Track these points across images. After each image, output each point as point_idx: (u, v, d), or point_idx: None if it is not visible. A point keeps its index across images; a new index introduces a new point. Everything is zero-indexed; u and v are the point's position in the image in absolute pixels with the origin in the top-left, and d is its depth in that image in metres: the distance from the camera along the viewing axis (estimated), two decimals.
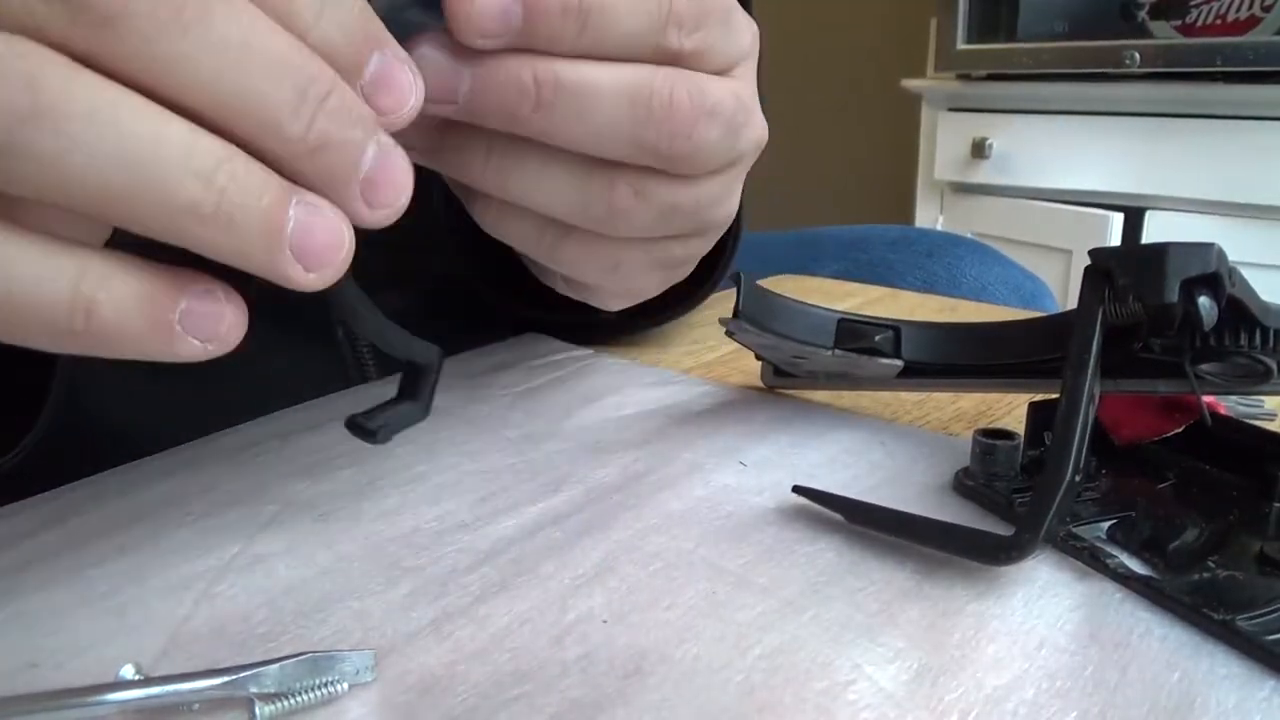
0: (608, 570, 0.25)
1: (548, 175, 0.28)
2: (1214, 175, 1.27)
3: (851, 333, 0.32)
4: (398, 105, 0.23)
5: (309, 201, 0.20)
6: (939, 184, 1.58)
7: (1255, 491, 0.27)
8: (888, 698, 0.20)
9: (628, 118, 0.26)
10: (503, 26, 0.25)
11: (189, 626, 0.23)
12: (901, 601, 0.23)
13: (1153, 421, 0.29)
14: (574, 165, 0.28)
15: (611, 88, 0.26)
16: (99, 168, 0.18)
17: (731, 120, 0.28)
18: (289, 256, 0.20)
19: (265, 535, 0.27)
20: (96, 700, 0.19)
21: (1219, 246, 0.24)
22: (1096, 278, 0.26)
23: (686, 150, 0.28)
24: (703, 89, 0.27)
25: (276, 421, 0.36)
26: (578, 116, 0.26)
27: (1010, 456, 0.29)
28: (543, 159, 0.28)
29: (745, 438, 0.34)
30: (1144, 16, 1.30)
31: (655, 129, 0.27)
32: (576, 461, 0.32)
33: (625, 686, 0.20)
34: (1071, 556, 0.25)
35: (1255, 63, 1.18)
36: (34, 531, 0.28)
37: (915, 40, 1.74)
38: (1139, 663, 0.21)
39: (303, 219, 0.20)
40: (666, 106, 0.27)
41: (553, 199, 0.28)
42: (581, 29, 0.25)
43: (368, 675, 0.21)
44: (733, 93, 0.29)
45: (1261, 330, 0.25)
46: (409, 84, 0.23)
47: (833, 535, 0.27)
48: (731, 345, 0.44)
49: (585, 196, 0.28)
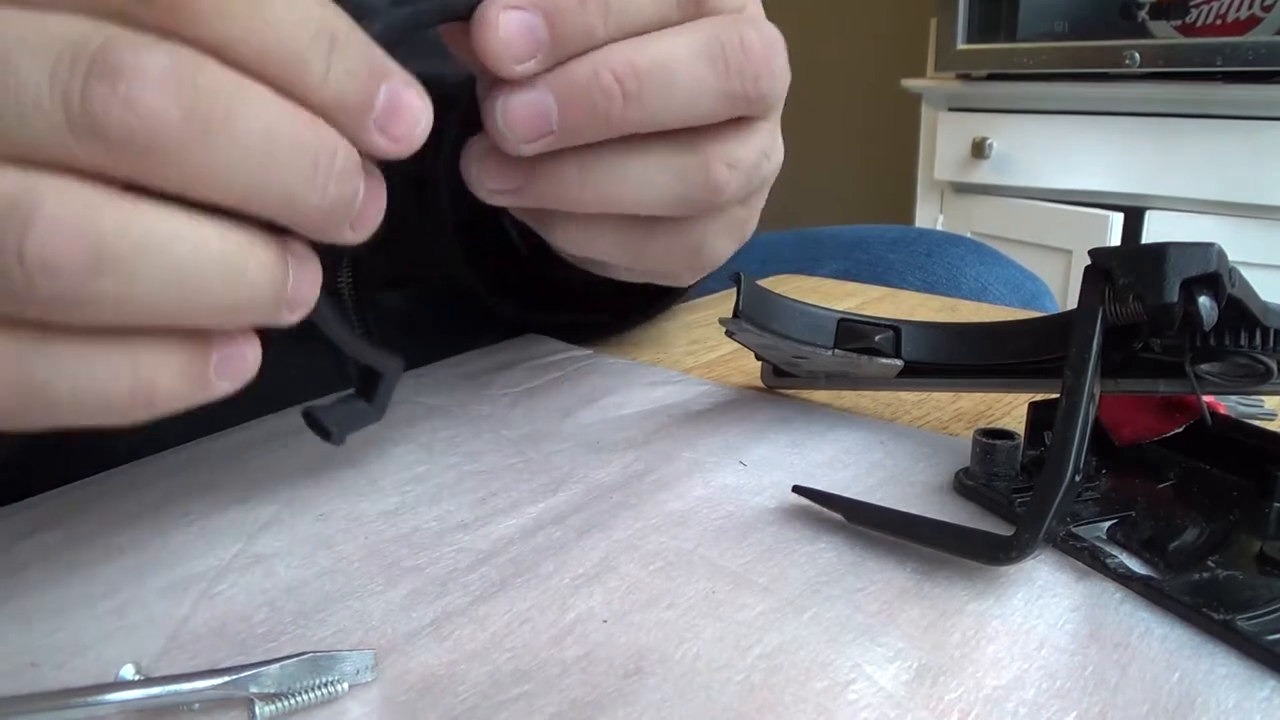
0: (608, 570, 0.25)
1: (646, 170, 0.28)
2: (1214, 175, 1.27)
3: (851, 333, 0.32)
4: (410, 130, 0.23)
5: (299, 255, 0.22)
6: (939, 184, 1.58)
7: (1255, 491, 0.27)
8: (888, 697, 0.20)
9: (711, 75, 0.27)
10: (534, 45, 0.25)
11: (189, 626, 0.23)
12: (901, 601, 0.23)
13: (1153, 421, 0.29)
14: (666, 152, 0.28)
15: (686, 53, 0.26)
16: (155, 293, 0.20)
17: (781, 59, 0.29)
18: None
19: (265, 535, 0.27)
20: (96, 700, 0.19)
21: (1219, 246, 0.24)
22: (1096, 278, 0.26)
23: (769, 87, 0.28)
24: (756, 24, 0.28)
25: (276, 421, 0.36)
26: (667, 93, 0.26)
27: (1010, 456, 0.29)
28: (636, 155, 0.28)
29: (745, 437, 0.34)
30: (1144, 16, 1.30)
31: (739, 77, 0.27)
32: (576, 461, 0.32)
33: (625, 686, 0.20)
34: (1071, 556, 0.25)
35: (1255, 63, 1.18)
36: (34, 531, 0.28)
37: (915, 40, 1.74)
38: (1139, 663, 0.21)
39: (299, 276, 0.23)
40: (740, 51, 0.27)
41: (655, 192, 0.29)
42: (606, 12, 0.25)
43: (368, 675, 0.21)
44: (772, 33, 0.29)
45: (1261, 330, 0.25)
46: (419, 107, 0.23)
47: (833, 535, 0.27)
48: (731, 345, 0.44)
49: (684, 180, 0.29)
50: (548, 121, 0.26)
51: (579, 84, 0.26)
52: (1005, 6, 1.46)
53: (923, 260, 0.69)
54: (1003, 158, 1.47)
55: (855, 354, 0.32)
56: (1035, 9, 1.42)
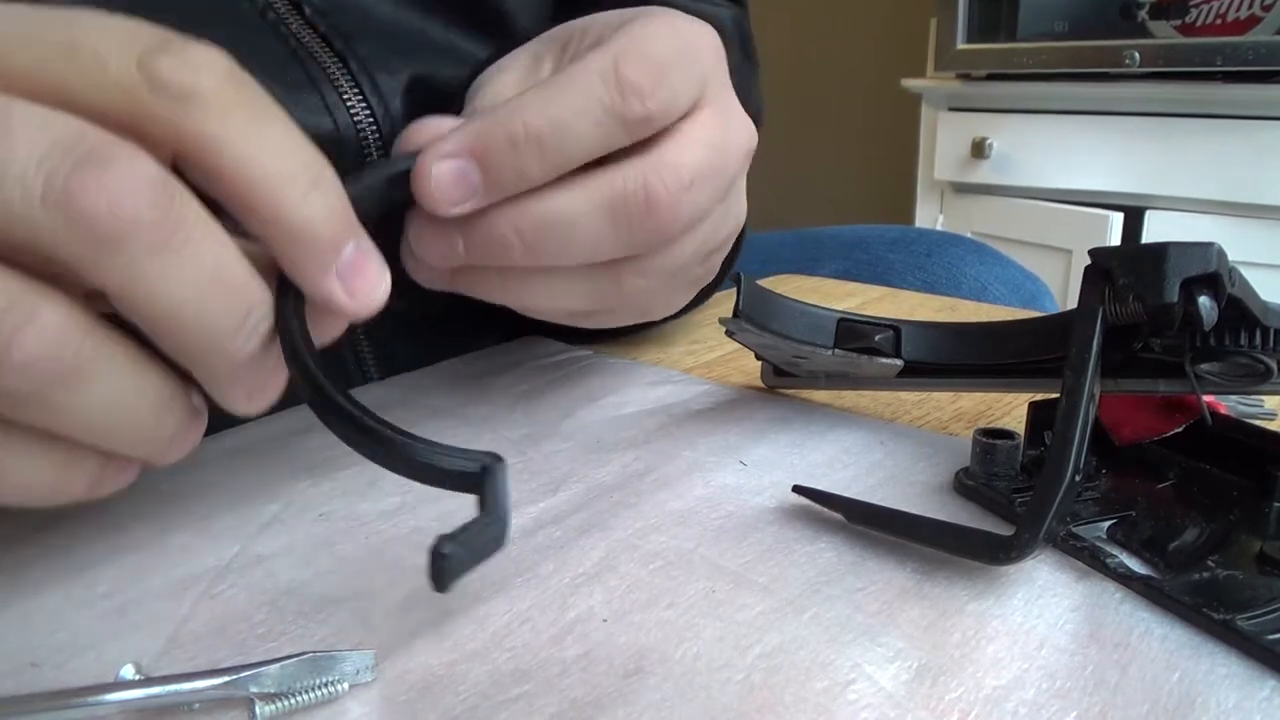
0: (608, 569, 0.25)
1: (558, 288, 0.30)
2: (1214, 175, 1.27)
3: (851, 332, 0.32)
4: (370, 289, 0.24)
5: (198, 409, 0.24)
6: (939, 184, 1.58)
7: (1255, 491, 0.27)
8: (888, 697, 0.20)
9: (611, 229, 0.28)
10: (467, 189, 0.27)
11: (189, 626, 0.23)
12: (901, 601, 0.23)
13: (1153, 421, 0.29)
14: (578, 274, 0.30)
15: (588, 209, 0.27)
16: (96, 414, 0.21)
17: (713, 170, 0.29)
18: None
19: (266, 535, 0.27)
20: (96, 700, 0.19)
21: (1219, 246, 0.24)
22: (1096, 277, 0.26)
23: (677, 229, 0.29)
24: (675, 167, 0.28)
25: (277, 422, 0.36)
26: (564, 246, 0.28)
27: (1010, 456, 0.29)
28: (549, 276, 0.30)
29: (745, 437, 0.34)
30: (1144, 16, 1.30)
31: (641, 230, 0.28)
32: (576, 461, 0.32)
33: (625, 685, 0.20)
34: (1071, 556, 0.25)
35: (1255, 63, 1.18)
36: (34, 531, 0.28)
37: (915, 40, 1.74)
38: (1139, 662, 0.21)
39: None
40: (644, 205, 0.27)
41: (568, 302, 0.30)
42: (542, 153, 0.27)
43: (368, 675, 0.21)
44: (705, 143, 0.29)
45: (1261, 330, 0.25)
46: (379, 273, 0.25)
47: (833, 535, 0.27)
48: (731, 345, 0.44)
49: (596, 293, 0.30)
50: (455, 254, 0.29)
51: (479, 230, 0.28)
52: (1005, 6, 1.46)
53: (923, 260, 0.69)
54: (1003, 158, 1.47)
55: (855, 354, 0.32)
56: (1035, 9, 1.42)
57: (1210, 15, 1.25)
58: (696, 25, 0.30)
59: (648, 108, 0.27)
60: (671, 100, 0.28)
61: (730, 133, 0.31)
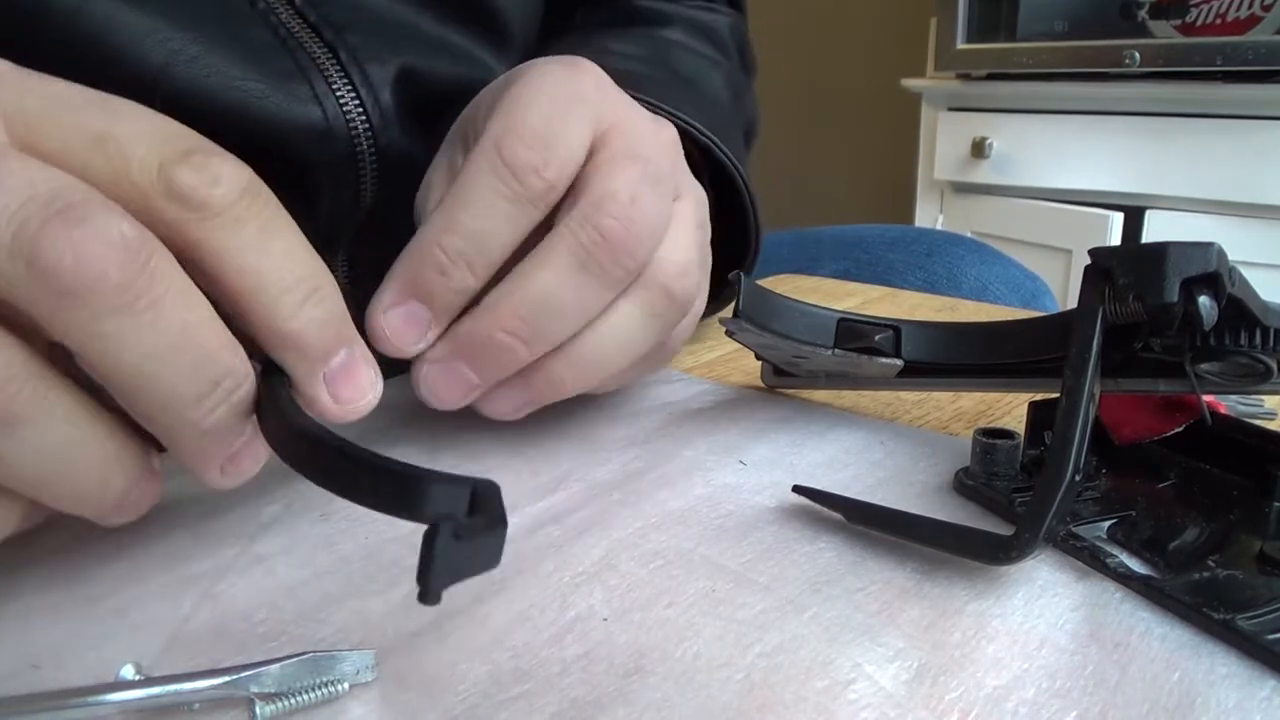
0: (608, 568, 0.25)
1: (587, 362, 0.30)
2: (1214, 175, 1.27)
3: (851, 332, 0.32)
4: (357, 397, 0.25)
5: (153, 471, 0.24)
6: (939, 184, 1.58)
7: (1255, 491, 0.27)
8: (888, 697, 0.20)
9: (589, 280, 0.28)
10: (420, 325, 0.29)
11: (189, 626, 0.23)
12: (901, 601, 0.23)
13: (1153, 421, 0.29)
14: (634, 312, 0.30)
15: (558, 276, 0.28)
16: (23, 460, 0.20)
17: (647, 176, 0.29)
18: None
19: (266, 536, 0.27)
20: (97, 700, 0.19)
21: (1219, 246, 0.24)
22: (1096, 277, 0.26)
23: (644, 248, 0.29)
24: (611, 196, 0.28)
25: None
26: (559, 317, 0.28)
27: (1010, 456, 0.29)
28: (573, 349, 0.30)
29: (745, 437, 0.34)
30: (1144, 16, 1.30)
31: (615, 266, 0.28)
32: (577, 460, 0.32)
33: (625, 685, 0.20)
34: (1071, 556, 0.25)
35: (1255, 62, 1.18)
36: (34, 530, 0.28)
37: (915, 40, 1.74)
38: (1139, 662, 0.21)
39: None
40: (603, 243, 0.28)
41: (621, 356, 0.31)
42: (471, 266, 0.28)
43: (368, 675, 0.21)
44: (625, 157, 0.29)
45: (1261, 330, 0.25)
46: (370, 381, 0.25)
47: (833, 535, 0.27)
48: (731, 345, 0.44)
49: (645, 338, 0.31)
50: (470, 383, 0.29)
51: (480, 347, 0.28)
52: (1005, 6, 1.46)
53: (923, 260, 0.69)
54: (1003, 157, 1.47)
55: (855, 354, 0.32)
56: (1035, 9, 1.42)
57: (1210, 15, 1.25)
58: (569, 68, 0.31)
59: (546, 179, 0.28)
60: (567, 156, 0.28)
61: (644, 138, 0.31)
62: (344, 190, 0.40)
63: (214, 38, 0.36)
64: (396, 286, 0.28)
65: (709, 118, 0.42)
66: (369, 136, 0.39)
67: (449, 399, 0.30)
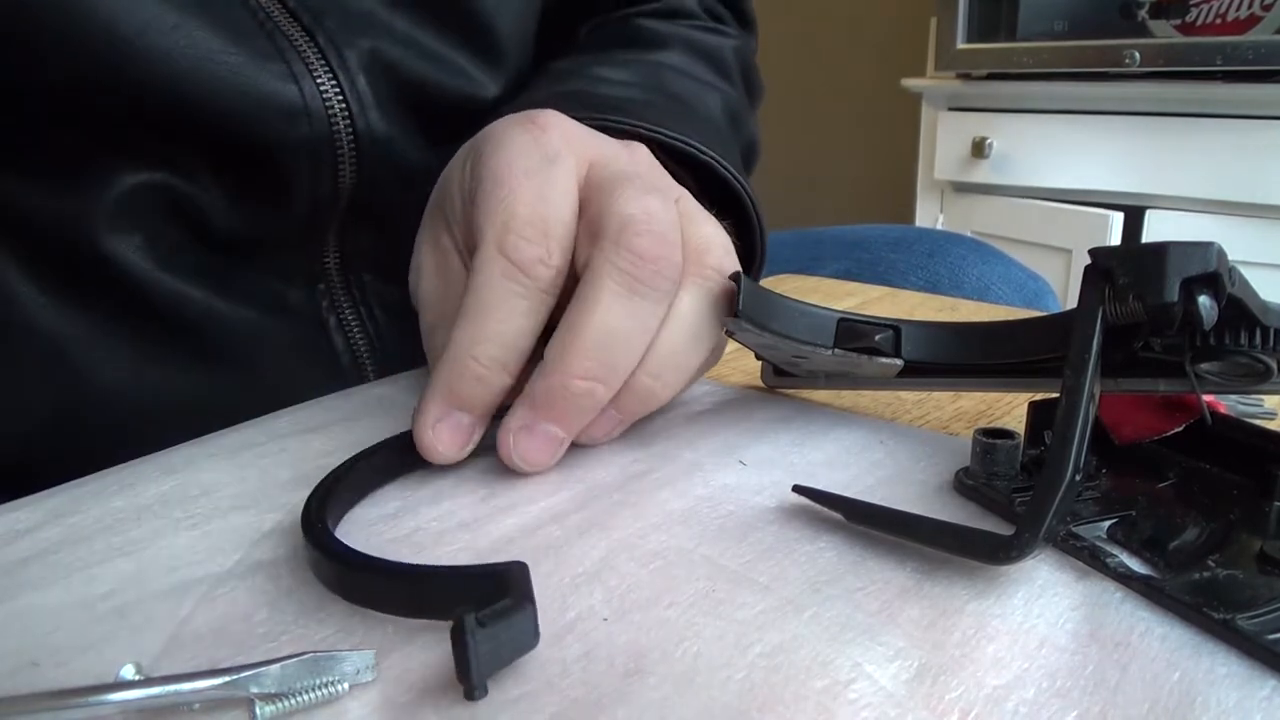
0: (608, 568, 0.25)
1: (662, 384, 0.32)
2: (1214, 175, 1.27)
3: (851, 332, 0.32)
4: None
5: None
6: (939, 184, 1.58)
7: (1255, 490, 0.27)
8: (888, 697, 0.20)
9: (638, 301, 0.29)
10: (465, 433, 0.30)
11: (189, 626, 0.23)
12: (901, 601, 0.23)
13: (1153, 421, 0.29)
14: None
15: (608, 308, 0.29)
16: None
17: (642, 182, 0.30)
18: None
19: (268, 542, 0.27)
20: (97, 700, 0.19)
21: (1219, 246, 0.24)
22: (1096, 277, 0.26)
23: (671, 242, 0.30)
24: (621, 215, 0.29)
25: (276, 422, 0.36)
26: (626, 346, 0.29)
27: (1010, 456, 0.29)
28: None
29: (745, 437, 0.34)
30: (1144, 16, 1.30)
31: (656, 277, 0.29)
32: (576, 460, 0.32)
33: (625, 685, 0.20)
34: (1072, 556, 0.25)
35: (1255, 62, 1.18)
36: (34, 529, 0.28)
37: (915, 40, 1.74)
38: (1139, 662, 0.21)
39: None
40: (637, 260, 0.29)
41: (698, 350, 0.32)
42: (505, 363, 0.29)
43: (368, 675, 0.21)
44: (619, 179, 0.31)
45: (1261, 329, 0.25)
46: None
47: (833, 534, 0.27)
48: (731, 345, 0.44)
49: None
50: (558, 439, 0.31)
51: (560, 401, 0.29)
52: (1005, 6, 1.46)
53: (925, 260, 0.69)
54: (1003, 157, 1.47)
55: (855, 354, 0.32)
56: (1035, 8, 1.42)
57: (1210, 15, 1.25)
58: (531, 129, 0.32)
59: (554, 265, 0.29)
60: (564, 233, 0.30)
61: (620, 161, 0.32)
62: (323, 172, 0.40)
63: (193, 13, 0.36)
64: (439, 401, 0.30)
65: (706, 137, 0.42)
66: (346, 118, 0.40)
67: (542, 460, 0.30)
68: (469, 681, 0.19)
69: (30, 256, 0.38)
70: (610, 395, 0.30)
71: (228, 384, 0.41)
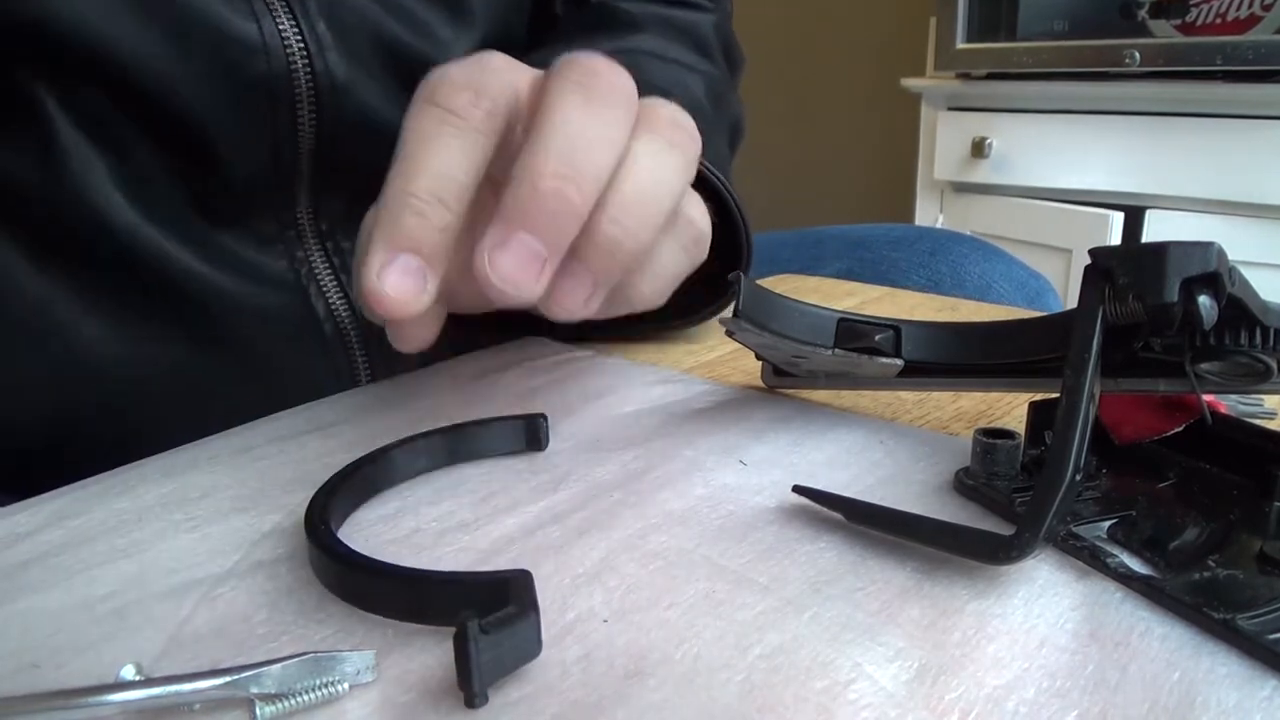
0: (608, 569, 0.25)
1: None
2: (1214, 175, 1.27)
3: (851, 332, 0.32)
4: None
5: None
6: (939, 183, 1.58)
7: (1256, 490, 0.27)
8: (888, 697, 0.20)
9: (597, 106, 0.29)
10: (418, 279, 0.28)
11: (190, 627, 0.23)
12: (902, 601, 0.23)
13: (1153, 421, 0.29)
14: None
15: (568, 109, 0.28)
16: None
17: (622, 95, 0.30)
18: None
19: (267, 539, 0.27)
20: (97, 700, 0.19)
21: (1219, 246, 0.24)
22: (1096, 277, 0.26)
23: (629, 80, 0.30)
24: (576, 56, 0.30)
25: (275, 424, 0.36)
26: (590, 146, 0.28)
27: (1011, 456, 0.29)
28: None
29: (745, 437, 0.34)
30: (1144, 15, 1.30)
31: (609, 89, 0.29)
32: (576, 460, 0.32)
33: (625, 687, 0.20)
34: (1072, 556, 0.25)
35: (1255, 62, 1.18)
36: (35, 531, 0.28)
37: (915, 40, 1.74)
38: (1139, 662, 0.21)
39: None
40: (593, 73, 0.29)
41: (662, 195, 0.31)
42: (443, 189, 0.28)
43: (368, 675, 0.21)
44: (581, 60, 0.30)
45: (1261, 329, 0.25)
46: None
47: (833, 534, 0.27)
48: (731, 345, 0.44)
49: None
50: (536, 253, 0.27)
51: (532, 205, 0.27)
52: (1005, 6, 1.46)
53: (926, 259, 0.69)
54: (1002, 157, 1.47)
55: (855, 354, 0.32)
56: (1035, 8, 1.42)
57: (1210, 15, 1.25)
58: (475, 57, 0.32)
59: (483, 107, 0.29)
60: (499, 88, 0.30)
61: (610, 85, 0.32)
62: (280, 113, 0.40)
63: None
64: (381, 245, 0.27)
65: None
66: (305, 59, 0.40)
67: (522, 279, 0.27)
68: (470, 689, 0.19)
69: (12, 218, 0.38)
70: (583, 203, 0.28)
71: (218, 356, 0.41)
